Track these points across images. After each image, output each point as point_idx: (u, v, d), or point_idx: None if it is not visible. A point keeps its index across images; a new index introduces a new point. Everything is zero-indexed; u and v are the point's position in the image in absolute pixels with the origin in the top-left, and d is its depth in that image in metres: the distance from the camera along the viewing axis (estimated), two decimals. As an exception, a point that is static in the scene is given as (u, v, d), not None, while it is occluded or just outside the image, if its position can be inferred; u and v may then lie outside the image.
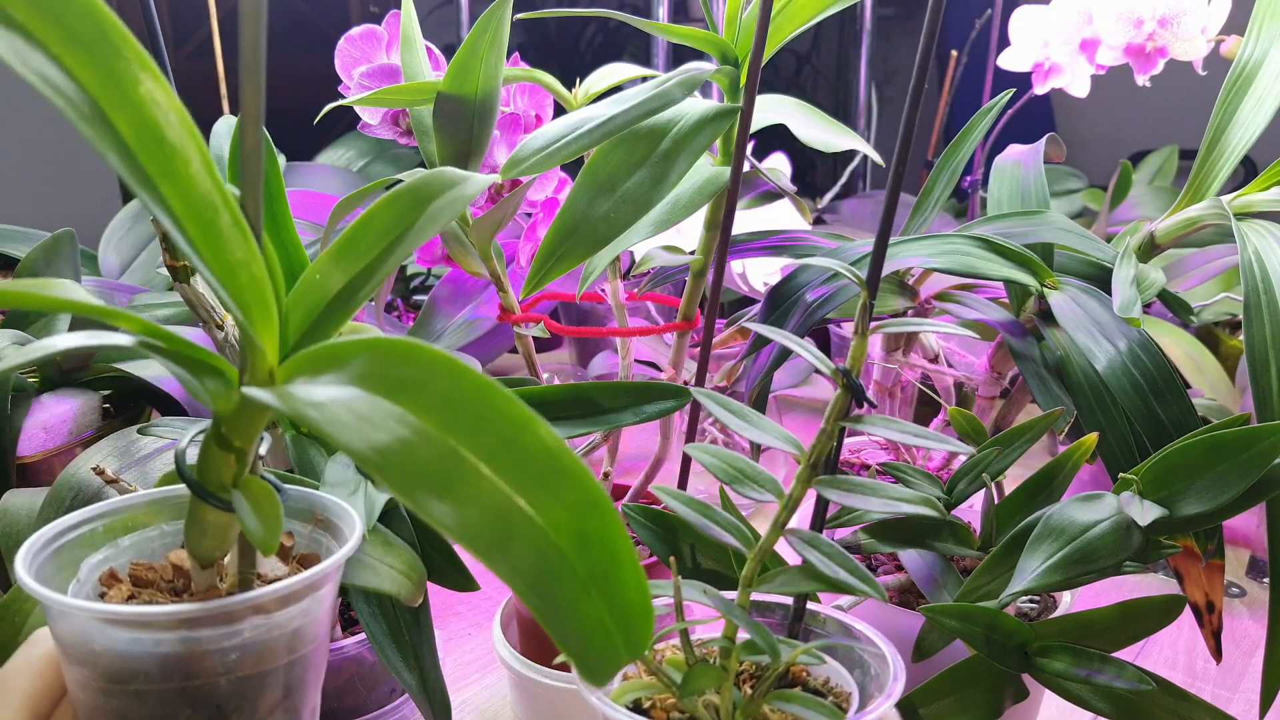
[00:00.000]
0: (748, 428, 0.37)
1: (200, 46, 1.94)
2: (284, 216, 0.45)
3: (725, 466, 0.37)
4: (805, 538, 0.36)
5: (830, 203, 1.28)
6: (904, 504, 0.35)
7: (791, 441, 0.36)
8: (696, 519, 0.36)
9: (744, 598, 0.37)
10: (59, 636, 0.30)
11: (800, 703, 0.35)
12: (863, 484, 0.36)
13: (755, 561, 0.37)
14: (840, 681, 0.39)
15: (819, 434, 0.36)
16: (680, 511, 0.36)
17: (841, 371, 0.35)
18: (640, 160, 0.46)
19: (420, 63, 0.55)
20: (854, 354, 0.36)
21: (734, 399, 0.38)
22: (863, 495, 0.35)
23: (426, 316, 0.89)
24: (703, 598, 0.36)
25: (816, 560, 0.35)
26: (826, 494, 0.36)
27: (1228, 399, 0.81)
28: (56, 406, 0.70)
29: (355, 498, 0.42)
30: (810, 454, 0.36)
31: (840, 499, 0.36)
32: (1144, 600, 0.43)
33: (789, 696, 0.35)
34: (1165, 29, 0.64)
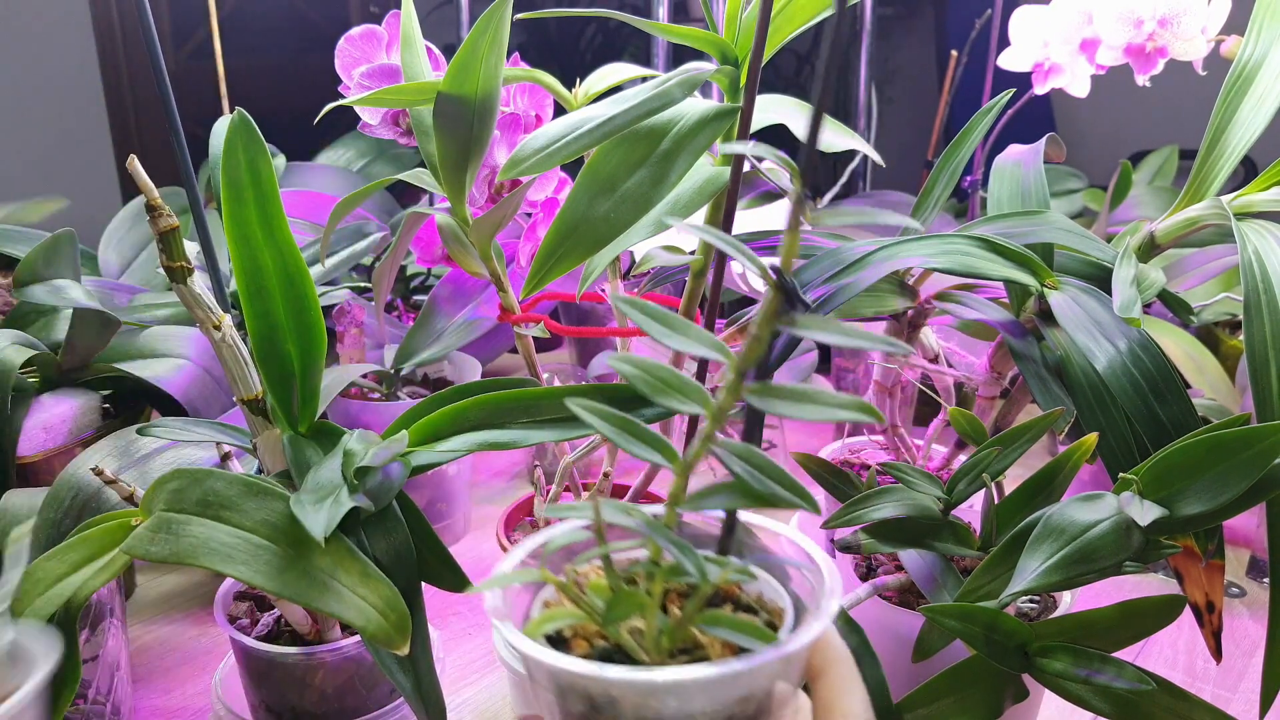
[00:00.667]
0: (671, 335, 0.34)
1: (200, 46, 1.94)
2: (278, 218, 0.45)
3: (646, 376, 0.34)
4: (735, 450, 0.33)
5: (830, 202, 1.28)
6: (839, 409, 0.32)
7: (720, 349, 0.34)
8: (615, 434, 0.34)
9: (670, 517, 0.35)
10: None
11: (728, 625, 0.33)
12: (794, 392, 0.33)
13: (682, 478, 0.34)
14: (774, 596, 0.37)
15: (747, 339, 0.34)
16: (601, 429, 0.34)
17: (773, 269, 0.33)
18: (640, 160, 0.46)
19: (420, 63, 0.55)
20: (785, 249, 0.33)
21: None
22: (795, 403, 0.33)
23: (426, 316, 0.89)
24: (624, 518, 0.33)
25: (746, 474, 0.33)
26: (755, 403, 0.33)
27: (1228, 399, 0.81)
28: (56, 406, 0.70)
29: (321, 505, 0.41)
30: (740, 362, 0.34)
31: (769, 407, 0.33)
32: (1144, 600, 0.43)
33: (717, 619, 0.33)
34: (1165, 29, 0.64)
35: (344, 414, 0.79)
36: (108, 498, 0.56)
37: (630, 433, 0.34)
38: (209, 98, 0.96)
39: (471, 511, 0.88)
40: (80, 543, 0.43)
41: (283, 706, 0.52)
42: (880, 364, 0.63)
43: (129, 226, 0.97)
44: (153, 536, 0.41)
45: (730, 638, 0.33)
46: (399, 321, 1.06)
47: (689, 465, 0.34)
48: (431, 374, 0.91)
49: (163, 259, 0.43)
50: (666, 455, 0.34)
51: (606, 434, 0.34)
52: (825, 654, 0.36)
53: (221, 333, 0.45)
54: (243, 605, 0.54)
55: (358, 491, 0.43)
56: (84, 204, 1.01)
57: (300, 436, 0.48)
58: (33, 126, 1.81)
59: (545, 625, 0.33)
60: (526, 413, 0.45)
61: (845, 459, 0.72)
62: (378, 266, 0.68)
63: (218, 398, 0.75)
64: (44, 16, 1.82)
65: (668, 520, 0.34)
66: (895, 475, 0.50)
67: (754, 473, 0.33)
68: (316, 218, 0.98)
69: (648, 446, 0.34)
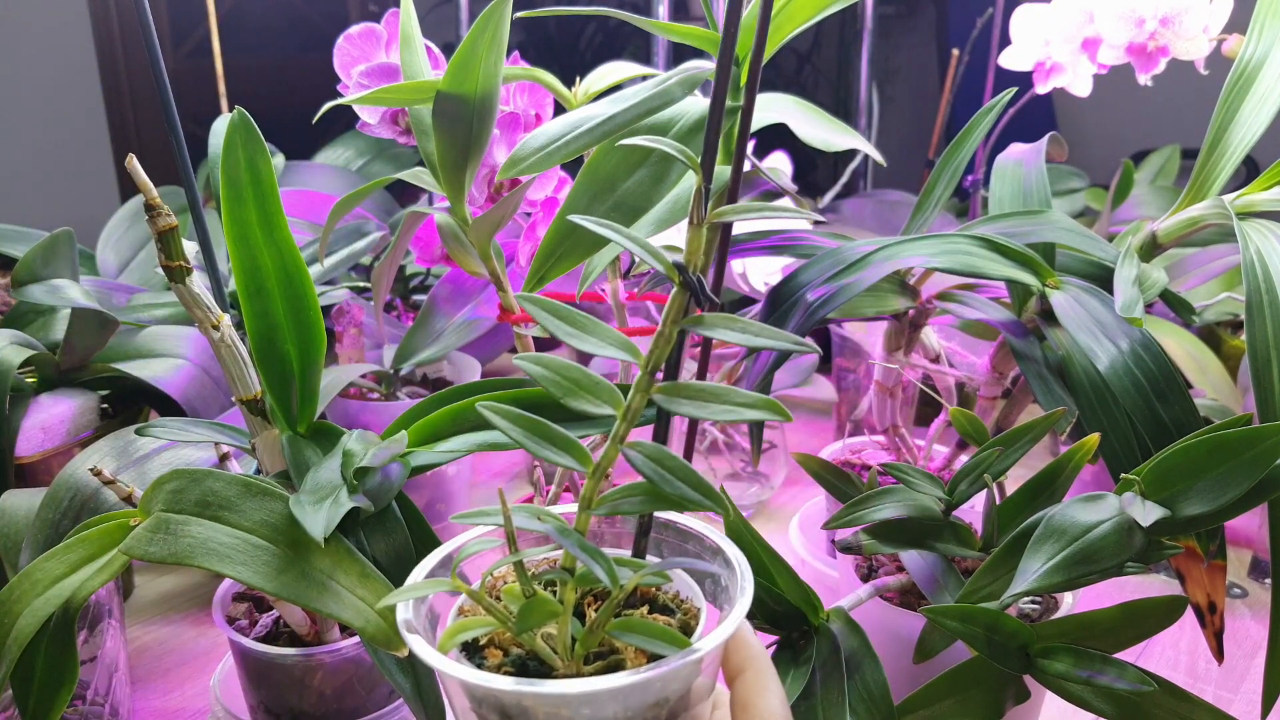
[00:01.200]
0: (579, 335, 0.33)
1: (199, 45, 1.94)
2: (277, 217, 0.45)
3: (557, 378, 0.34)
4: (646, 452, 0.33)
5: (831, 202, 1.27)
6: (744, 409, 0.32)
7: (629, 348, 0.33)
8: (523, 437, 0.33)
9: (582, 521, 0.34)
10: None
11: (640, 631, 0.32)
12: (703, 390, 0.33)
13: (594, 481, 0.34)
14: (690, 595, 0.37)
15: (655, 337, 0.33)
16: (510, 433, 0.33)
17: (677, 266, 0.32)
18: (640, 159, 0.46)
19: (419, 61, 0.54)
20: (690, 247, 0.33)
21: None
22: (702, 403, 0.32)
23: (426, 316, 0.89)
24: (535, 524, 0.33)
25: (656, 476, 0.32)
26: (664, 402, 0.33)
27: (1230, 399, 0.80)
28: (55, 407, 0.70)
29: (320, 506, 0.41)
30: (648, 360, 0.33)
31: (677, 408, 0.33)
32: (1146, 601, 0.43)
33: (630, 625, 0.33)
34: (1167, 28, 0.64)
35: (343, 414, 0.79)
36: (106, 498, 0.56)
37: (540, 435, 0.34)
38: (208, 96, 0.96)
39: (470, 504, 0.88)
40: (78, 543, 0.43)
41: (281, 708, 0.52)
42: (881, 364, 0.63)
43: (127, 226, 0.97)
44: (151, 537, 0.41)
45: (642, 645, 0.32)
46: (398, 321, 1.05)
47: (602, 468, 0.34)
48: (431, 374, 0.91)
49: (161, 258, 0.43)
50: (578, 458, 0.33)
51: (514, 438, 0.33)
52: (741, 652, 0.36)
53: (220, 333, 0.45)
54: (241, 606, 0.54)
55: (357, 492, 0.42)
56: (82, 203, 1.01)
57: (299, 437, 0.48)
58: (31, 125, 1.81)
59: (459, 635, 0.33)
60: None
61: (846, 459, 0.71)
62: (377, 266, 0.67)
63: (216, 398, 0.74)
64: (42, 15, 1.82)
65: (579, 525, 0.34)
66: (896, 476, 0.49)
67: (664, 475, 0.33)
68: (315, 217, 0.98)
69: (559, 450, 0.33)
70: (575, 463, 0.33)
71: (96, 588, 0.42)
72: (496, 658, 0.34)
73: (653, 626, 0.33)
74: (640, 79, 0.55)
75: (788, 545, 0.72)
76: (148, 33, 0.49)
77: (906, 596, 0.53)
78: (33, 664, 0.42)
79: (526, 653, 0.34)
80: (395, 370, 0.86)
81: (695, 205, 0.32)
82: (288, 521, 0.41)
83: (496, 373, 1.11)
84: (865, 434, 0.77)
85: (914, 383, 0.66)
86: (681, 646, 0.31)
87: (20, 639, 0.41)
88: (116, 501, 0.50)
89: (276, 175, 0.54)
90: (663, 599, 0.37)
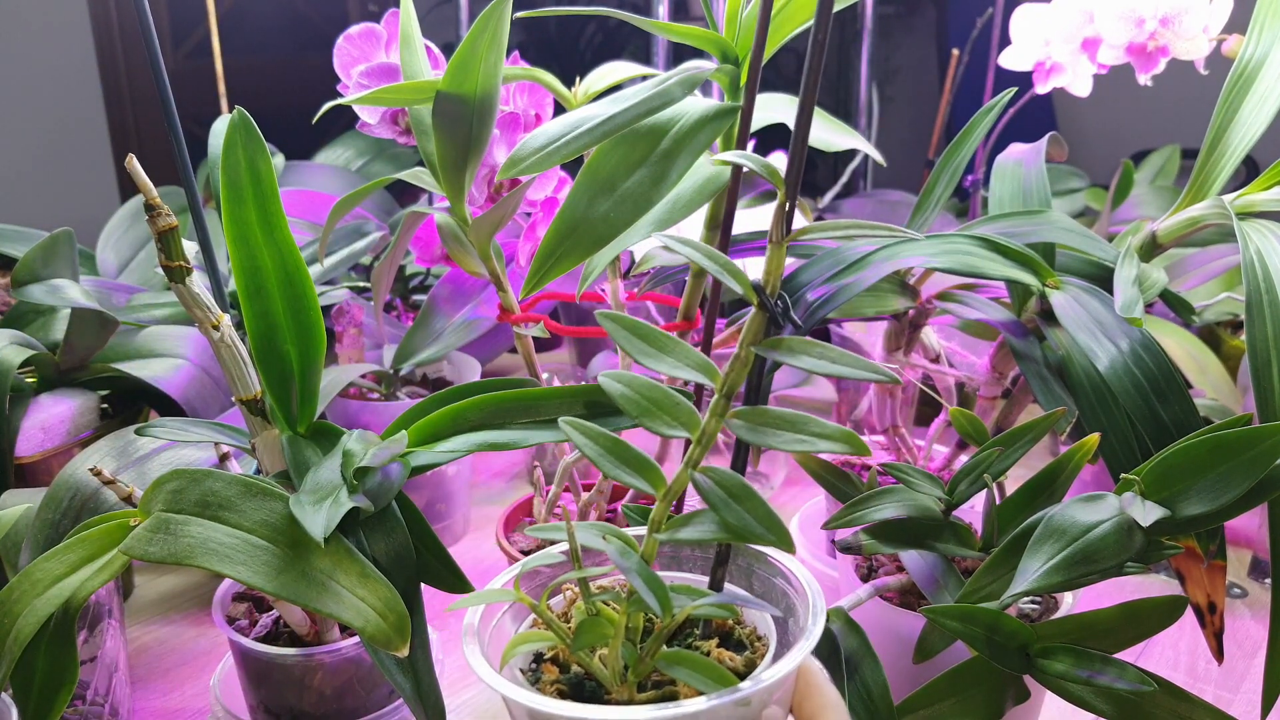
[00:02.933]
0: (657, 356, 0.32)
1: (199, 45, 1.94)
2: (277, 217, 0.45)
3: (638, 398, 0.33)
4: (717, 478, 0.32)
5: (831, 202, 1.27)
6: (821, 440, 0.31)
7: (707, 370, 0.33)
8: (603, 458, 0.33)
9: (650, 546, 0.33)
10: None
11: (687, 665, 0.32)
12: (781, 417, 0.32)
13: (664, 504, 0.33)
14: (767, 633, 0.36)
15: (732, 359, 0.32)
16: (587, 450, 0.33)
17: (757, 289, 0.31)
18: (640, 159, 0.46)
19: (419, 61, 0.54)
20: (770, 267, 0.31)
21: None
22: (777, 431, 0.31)
23: (425, 316, 0.89)
24: (600, 543, 0.33)
25: (723, 505, 0.32)
26: (737, 429, 0.32)
27: (1230, 399, 0.80)
28: (54, 407, 0.70)
29: (320, 506, 0.41)
30: (723, 383, 0.32)
31: (752, 437, 0.32)
32: (1146, 601, 0.43)
33: (678, 658, 0.32)
34: (1167, 28, 0.64)
35: (343, 414, 0.79)
36: (106, 498, 0.56)
37: (617, 456, 0.33)
38: (208, 96, 0.96)
39: (471, 512, 0.88)
40: (78, 543, 0.43)
41: (281, 708, 0.52)
42: (881, 364, 0.63)
43: (127, 226, 0.97)
44: (151, 537, 0.41)
45: (686, 679, 0.32)
46: (398, 321, 1.05)
47: (674, 492, 0.33)
48: (431, 374, 0.91)
49: (161, 258, 0.43)
50: (652, 481, 0.33)
51: (591, 457, 0.33)
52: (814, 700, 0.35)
53: (220, 332, 0.45)
54: (241, 606, 0.54)
55: (357, 492, 0.42)
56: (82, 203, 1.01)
57: (299, 437, 0.48)
58: (31, 125, 1.81)
59: (520, 647, 0.33)
60: (526, 413, 0.45)
61: (846, 459, 0.71)
62: (377, 266, 0.67)
63: (216, 398, 0.74)
64: (42, 15, 1.82)
65: (646, 550, 0.33)
66: (896, 476, 0.49)
67: (730, 504, 0.32)
68: (315, 217, 0.98)
69: (633, 471, 0.33)
70: (648, 485, 0.33)
71: (96, 588, 0.42)
72: (553, 674, 0.34)
73: (699, 661, 0.32)
74: (640, 79, 0.55)
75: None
76: (148, 33, 0.49)
77: (906, 596, 0.53)
78: (33, 664, 0.42)
79: (585, 672, 0.34)
80: (395, 370, 0.86)
81: (775, 223, 0.31)
82: (288, 521, 0.41)
83: (496, 373, 1.11)
84: (865, 434, 0.77)
85: (914, 383, 0.66)
86: (725, 684, 0.31)
87: (20, 639, 0.41)
88: (116, 501, 0.50)
89: (276, 175, 0.54)
90: (739, 634, 0.36)
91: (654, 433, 0.33)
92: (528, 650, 0.33)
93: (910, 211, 0.61)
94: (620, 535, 0.33)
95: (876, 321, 0.67)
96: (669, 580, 0.35)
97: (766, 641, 0.36)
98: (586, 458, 0.33)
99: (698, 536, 0.33)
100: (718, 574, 0.36)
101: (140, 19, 0.49)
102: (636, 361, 0.33)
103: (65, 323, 0.74)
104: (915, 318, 0.60)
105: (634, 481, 0.33)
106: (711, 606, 0.32)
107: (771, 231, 0.32)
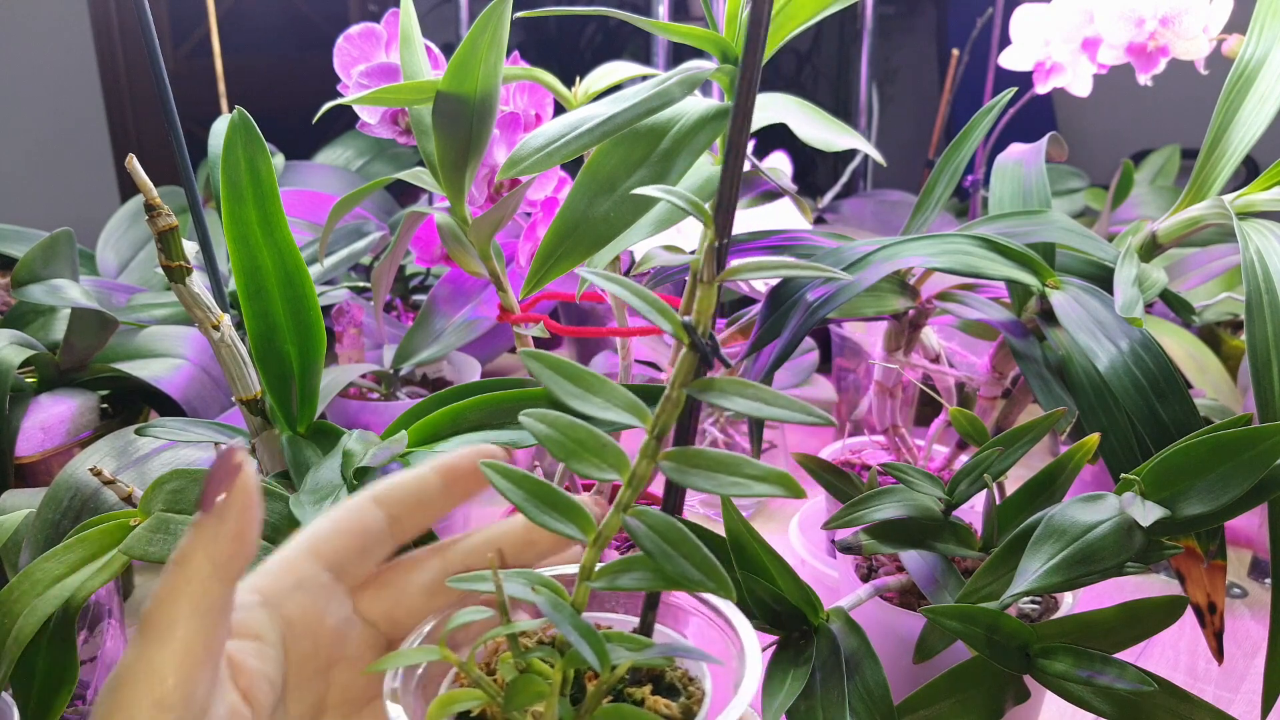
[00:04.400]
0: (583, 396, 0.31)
1: (199, 44, 1.94)
2: (277, 216, 0.45)
3: (562, 439, 0.31)
4: (651, 523, 0.31)
5: (831, 202, 1.27)
6: (756, 483, 0.30)
7: (636, 411, 0.31)
8: (527, 504, 0.31)
9: (580, 595, 0.32)
10: None
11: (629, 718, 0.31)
12: (714, 459, 0.31)
13: (595, 551, 0.32)
14: (699, 675, 0.35)
15: (662, 401, 0.31)
16: (510, 495, 0.31)
17: (686, 326, 0.30)
18: (640, 159, 0.46)
19: (419, 61, 0.54)
20: (700, 306, 0.30)
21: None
22: (710, 473, 0.30)
23: (426, 316, 0.89)
24: (528, 594, 0.31)
25: (658, 551, 0.30)
26: (668, 471, 0.31)
27: (1230, 399, 0.81)
28: (54, 407, 0.70)
29: (320, 506, 0.41)
30: (654, 424, 0.31)
31: (684, 478, 0.31)
32: (1146, 601, 0.43)
33: (620, 713, 0.31)
34: (1167, 28, 0.64)
35: (343, 414, 0.79)
36: (106, 498, 0.56)
37: (542, 500, 0.32)
38: (208, 96, 0.96)
39: (471, 512, 0.88)
40: (78, 543, 0.43)
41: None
42: (881, 364, 0.63)
43: (127, 226, 0.97)
44: (151, 537, 0.41)
45: None
46: (398, 321, 1.05)
47: (605, 538, 0.32)
48: (431, 374, 0.91)
49: (161, 258, 0.43)
50: (581, 526, 0.32)
51: (514, 500, 0.31)
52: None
53: (220, 332, 0.45)
54: (241, 606, 0.54)
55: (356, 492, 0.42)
56: (82, 203, 1.01)
57: (299, 437, 0.48)
58: (30, 125, 1.81)
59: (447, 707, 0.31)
60: (526, 413, 0.45)
61: (846, 459, 0.71)
62: (377, 266, 0.67)
63: (216, 398, 0.74)
64: (42, 15, 1.82)
65: (576, 599, 0.32)
66: (896, 476, 0.49)
67: (666, 549, 0.30)
68: (315, 217, 0.98)
69: (561, 516, 0.32)
70: (577, 531, 0.32)
71: (96, 588, 0.42)
72: None
73: (642, 715, 0.31)
74: (640, 79, 0.55)
75: (788, 545, 0.72)
76: (148, 33, 0.49)
77: (906, 596, 0.53)
78: (33, 664, 0.42)
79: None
80: (395, 370, 0.86)
81: (707, 263, 0.30)
82: (288, 522, 0.41)
83: (496, 373, 1.11)
84: (865, 434, 0.77)
85: (914, 383, 0.66)
86: None
87: (20, 639, 0.41)
88: (116, 501, 0.50)
89: (276, 175, 0.54)
90: (670, 677, 0.35)
91: (582, 476, 0.32)
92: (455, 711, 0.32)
93: (910, 211, 0.61)
94: (550, 585, 0.32)
95: (876, 321, 0.67)
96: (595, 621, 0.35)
97: (700, 684, 0.35)
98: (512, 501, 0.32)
99: (634, 585, 0.31)
100: (648, 618, 0.35)
101: (140, 19, 0.49)
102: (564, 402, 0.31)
103: (65, 323, 0.74)
104: (915, 318, 0.60)
105: (562, 528, 0.31)
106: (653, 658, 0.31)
107: (702, 271, 0.31)
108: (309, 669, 0.32)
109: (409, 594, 0.34)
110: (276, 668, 0.31)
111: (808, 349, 0.99)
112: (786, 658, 0.45)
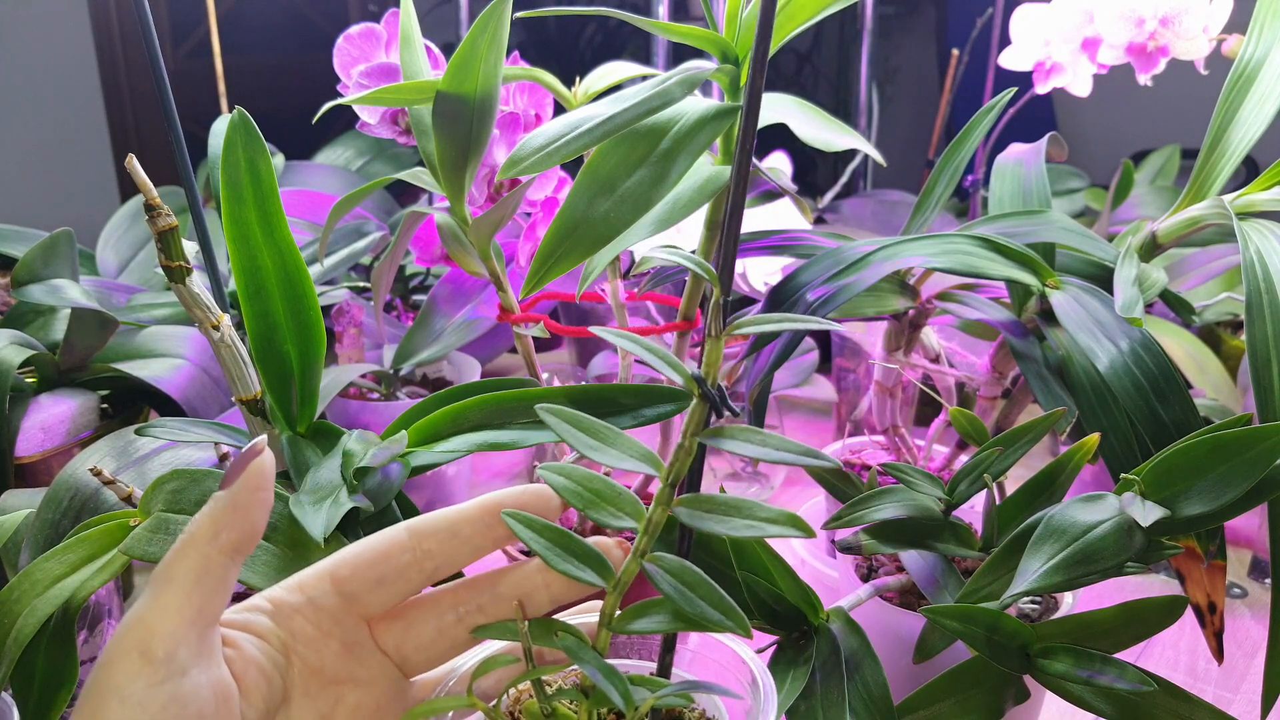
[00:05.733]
0: (599, 448, 0.33)
1: (199, 44, 1.93)
2: (277, 217, 0.45)
3: (580, 490, 0.33)
4: (668, 566, 0.32)
5: (831, 202, 1.27)
6: (768, 525, 0.31)
7: (651, 460, 0.33)
8: (548, 551, 0.32)
9: (602, 640, 0.33)
10: None
11: None
12: (726, 503, 0.32)
13: (615, 597, 0.33)
14: (716, 714, 0.36)
15: (676, 450, 0.33)
16: (532, 544, 0.32)
17: (696, 379, 0.31)
18: (640, 159, 0.46)
19: (419, 61, 0.54)
20: (708, 359, 0.32)
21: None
22: (723, 517, 0.31)
23: (425, 316, 0.89)
24: (552, 640, 0.32)
25: (676, 593, 0.31)
26: (683, 517, 0.32)
27: (1230, 399, 0.81)
28: (54, 407, 0.70)
29: (320, 506, 0.41)
30: (669, 473, 0.32)
31: (698, 523, 0.32)
32: (1146, 601, 0.43)
33: None
34: (1167, 28, 0.64)
35: (343, 414, 0.79)
36: (106, 498, 0.56)
37: (562, 547, 0.33)
38: (208, 96, 0.96)
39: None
40: (78, 543, 0.43)
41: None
42: (881, 364, 0.63)
43: (127, 226, 0.97)
44: (151, 537, 0.41)
45: None
46: (398, 321, 1.05)
47: (624, 583, 0.33)
48: (431, 374, 0.91)
49: (161, 258, 0.43)
50: (601, 574, 0.33)
51: (535, 548, 0.32)
52: None
53: (220, 333, 0.45)
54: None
55: (357, 492, 0.42)
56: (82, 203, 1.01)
57: (299, 437, 0.48)
58: (30, 125, 1.81)
59: None
60: (526, 413, 0.45)
61: (846, 459, 0.71)
62: (377, 266, 0.67)
63: (216, 398, 0.74)
64: (42, 15, 1.82)
65: (599, 644, 0.33)
66: (896, 476, 0.49)
67: (684, 592, 0.31)
68: (315, 217, 0.98)
69: (580, 563, 0.33)
70: (596, 577, 0.33)
71: (96, 588, 0.42)
72: None
73: None
74: (640, 79, 0.55)
75: (788, 545, 0.72)
76: (148, 33, 0.49)
77: (906, 596, 0.53)
78: (33, 664, 0.42)
79: None
80: (395, 370, 0.86)
81: (714, 318, 0.32)
82: (288, 521, 0.41)
83: (496, 373, 1.11)
84: (865, 434, 0.77)
85: (914, 383, 0.66)
86: None
87: (20, 639, 0.41)
88: (116, 501, 0.50)
89: (276, 175, 0.54)
90: (688, 718, 0.36)
91: (600, 525, 0.33)
92: None
93: (910, 211, 0.61)
94: (572, 631, 0.33)
95: (876, 321, 0.66)
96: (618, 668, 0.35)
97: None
98: (531, 548, 0.33)
99: (654, 628, 0.33)
100: (665, 660, 0.36)
101: (140, 19, 0.49)
102: (583, 454, 0.32)
103: (65, 323, 0.74)
104: (915, 318, 0.60)
105: (581, 574, 0.32)
106: (673, 695, 0.32)
107: (709, 326, 0.32)
108: (315, 682, 0.33)
109: (418, 630, 0.34)
110: (275, 667, 0.32)
111: (808, 349, 0.99)
112: (786, 658, 0.45)
